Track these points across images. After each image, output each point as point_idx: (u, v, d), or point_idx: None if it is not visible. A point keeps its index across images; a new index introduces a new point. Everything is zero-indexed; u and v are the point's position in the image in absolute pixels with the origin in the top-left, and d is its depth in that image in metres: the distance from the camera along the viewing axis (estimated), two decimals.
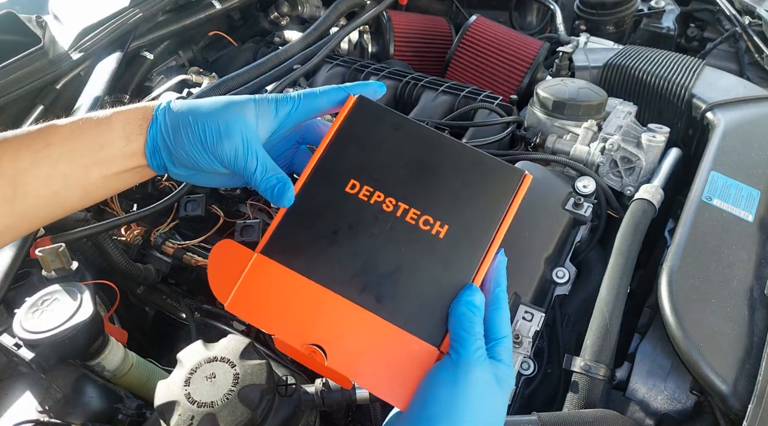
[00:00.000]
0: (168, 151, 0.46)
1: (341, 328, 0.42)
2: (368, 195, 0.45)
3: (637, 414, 0.67)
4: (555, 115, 0.96)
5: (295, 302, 0.43)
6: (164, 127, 0.45)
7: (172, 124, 0.45)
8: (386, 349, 0.42)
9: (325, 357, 0.41)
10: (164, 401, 0.53)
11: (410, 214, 0.45)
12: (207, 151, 0.45)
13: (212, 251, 0.46)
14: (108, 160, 0.45)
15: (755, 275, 0.68)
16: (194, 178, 0.49)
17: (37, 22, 0.98)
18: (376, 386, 0.41)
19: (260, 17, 1.38)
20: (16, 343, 0.63)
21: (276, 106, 0.47)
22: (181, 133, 0.45)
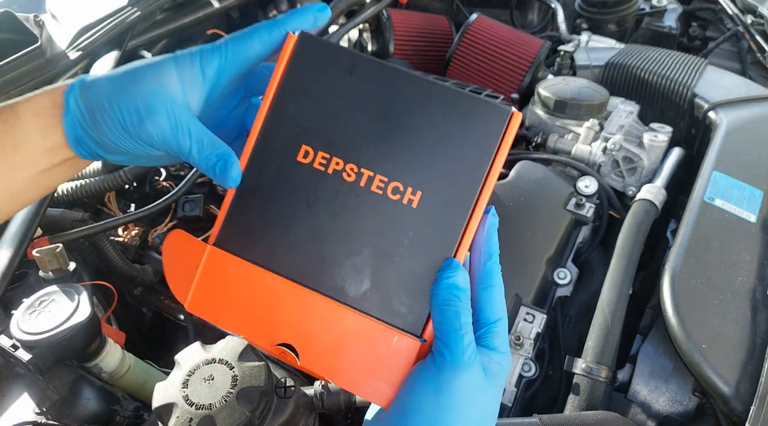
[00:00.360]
0: (93, 140, 0.39)
1: (310, 323, 0.38)
2: (324, 163, 0.38)
3: (638, 416, 0.66)
4: (556, 115, 0.95)
5: (257, 298, 0.39)
6: (79, 115, 0.38)
7: (87, 109, 0.38)
8: (362, 344, 0.37)
9: (297, 358, 0.37)
10: (162, 403, 0.53)
11: (376, 182, 0.38)
12: (131, 136, 0.38)
13: (164, 244, 0.41)
14: (27, 160, 0.39)
15: (758, 276, 0.67)
16: (136, 161, 0.43)
17: (35, 21, 0.97)
18: (356, 385, 0.37)
19: (259, 15, 1.37)
20: (13, 344, 0.63)
21: (201, 65, 0.39)
22: (99, 120, 0.38)
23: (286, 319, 0.38)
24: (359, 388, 0.37)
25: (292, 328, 0.38)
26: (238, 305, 0.39)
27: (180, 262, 0.41)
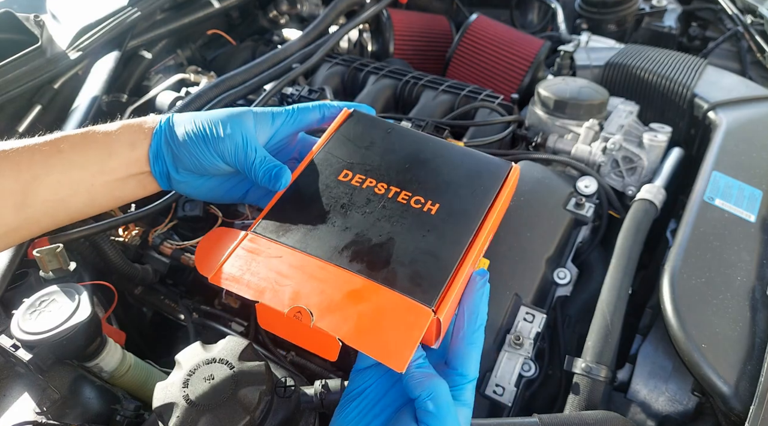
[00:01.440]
0: (171, 154, 0.48)
1: (330, 292, 0.41)
2: (360, 181, 0.48)
3: (638, 415, 0.66)
4: (556, 115, 0.95)
5: (282, 272, 0.43)
6: (168, 130, 0.48)
7: (177, 123, 0.49)
8: (378, 311, 0.41)
9: (312, 317, 0.40)
10: (162, 403, 0.53)
11: (402, 195, 0.47)
12: (209, 146, 0.47)
13: (205, 236, 0.47)
14: (114, 168, 0.48)
15: (757, 276, 0.67)
16: (194, 184, 0.51)
17: (35, 21, 0.97)
18: (368, 346, 0.39)
19: (259, 16, 1.37)
20: (13, 344, 0.63)
21: (272, 116, 0.51)
22: (185, 132, 0.48)
23: (308, 287, 0.42)
24: (370, 349, 0.39)
25: (311, 294, 0.41)
26: (262, 278, 0.43)
27: (214, 247, 0.46)
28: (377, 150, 0.50)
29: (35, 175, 0.44)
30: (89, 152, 0.47)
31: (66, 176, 0.46)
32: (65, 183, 0.46)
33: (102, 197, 0.49)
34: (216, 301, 0.85)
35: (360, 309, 0.41)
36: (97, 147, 0.47)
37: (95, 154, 0.47)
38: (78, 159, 0.46)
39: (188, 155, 0.48)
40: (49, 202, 0.45)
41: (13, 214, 0.44)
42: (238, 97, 0.98)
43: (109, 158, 0.47)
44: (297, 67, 1.05)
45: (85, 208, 0.49)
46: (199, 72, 1.12)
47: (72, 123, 0.87)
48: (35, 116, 0.96)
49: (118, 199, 0.50)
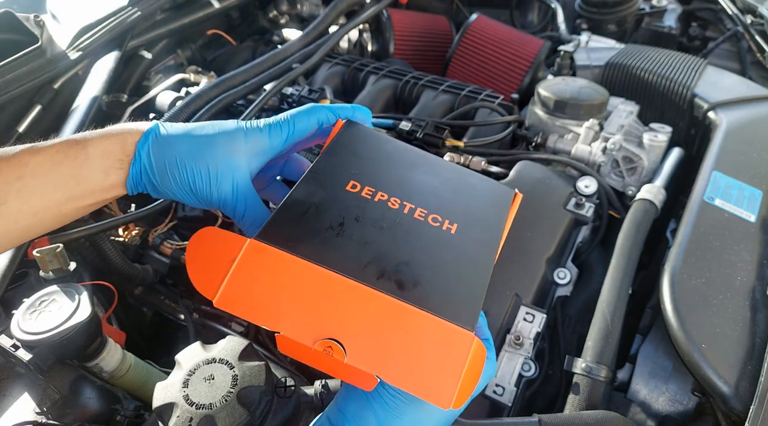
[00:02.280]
0: (153, 187, 0.44)
1: (360, 318, 0.36)
2: (371, 193, 0.44)
3: (638, 415, 0.66)
4: (556, 115, 0.95)
5: (301, 292, 0.37)
6: (149, 167, 0.43)
7: (158, 165, 0.43)
8: (416, 339, 0.36)
9: (345, 352, 0.35)
10: (162, 403, 0.53)
11: (417, 212, 0.44)
12: (195, 195, 0.44)
13: (191, 240, 0.40)
14: (84, 194, 0.43)
15: (757, 276, 0.67)
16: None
17: (35, 21, 0.97)
18: (411, 383, 0.35)
19: (259, 16, 1.37)
20: (13, 344, 0.63)
21: (270, 137, 0.45)
22: (168, 176, 0.43)
23: (333, 313, 0.36)
24: (414, 386, 0.35)
25: (339, 322, 0.36)
26: (277, 300, 0.37)
27: (209, 257, 0.39)
28: (379, 163, 0.47)
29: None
30: (53, 177, 0.42)
31: (27, 205, 0.41)
32: (26, 212, 0.41)
33: (71, 218, 0.45)
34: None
35: (396, 338, 0.36)
36: (61, 173, 0.42)
37: (62, 181, 0.42)
38: (39, 186, 0.41)
39: (171, 194, 0.44)
40: (10, 229, 0.41)
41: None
42: (238, 97, 0.98)
43: (77, 185, 0.43)
44: (297, 67, 1.05)
45: (51, 227, 0.45)
46: (199, 72, 1.12)
47: (72, 123, 0.87)
48: (35, 116, 0.96)
49: (85, 213, 0.47)
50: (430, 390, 0.35)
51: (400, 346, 0.36)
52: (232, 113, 1.01)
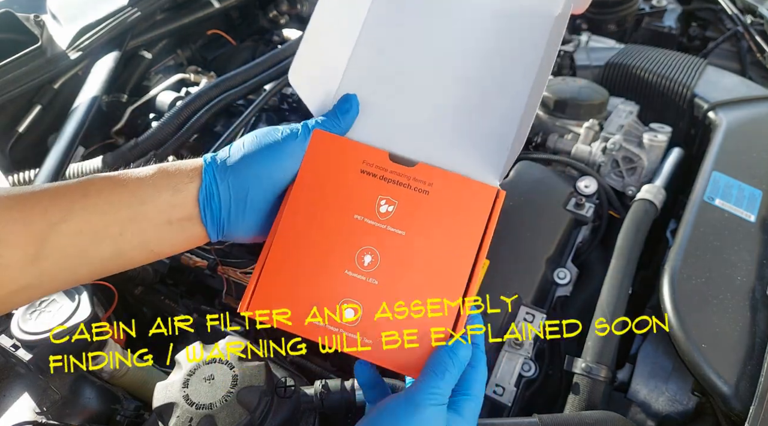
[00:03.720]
0: (227, 185, 0.43)
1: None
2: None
3: (638, 415, 0.66)
4: (556, 115, 0.96)
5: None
6: (219, 161, 0.43)
7: (234, 161, 0.43)
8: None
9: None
10: (162, 403, 0.53)
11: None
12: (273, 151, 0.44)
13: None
14: (149, 215, 0.41)
15: (757, 276, 0.67)
16: (250, 221, 0.45)
17: (35, 21, 0.97)
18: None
19: (259, 16, 1.37)
20: (13, 344, 0.63)
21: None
22: (243, 149, 0.44)
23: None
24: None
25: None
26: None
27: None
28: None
29: (51, 221, 0.38)
30: (117, 196, 0.40)
31: (88, 224, 0.39)
32: (86, 232, 0.39)
33: (132, 250, 0.42)
34: (216, 301, 0.85)
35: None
36: (128, 191, 0.41)
37: (125, 198, 0.40)
38: (102, 204, 0.40)
39: (252, 173, 0.43)
40: (68, 254, 0.39)
41: (22, 269, 0.38)
42: (238, 97, 0.98)
43: (140, 205, 0.41)
44: None
45: (110, 262, 0.41)
46: (199, 72, 1.12)
47: (72, 123, 0.87)
48: (35, 116, 0.96)
49: (153, 253, 0.43)
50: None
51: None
52: (232, 113, 1.01)
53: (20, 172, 0.89)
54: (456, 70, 0.50)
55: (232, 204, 0.43)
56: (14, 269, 0.37)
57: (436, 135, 0.48)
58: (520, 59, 0.48)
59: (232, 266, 0.81)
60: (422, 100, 0.50)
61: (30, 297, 0.40)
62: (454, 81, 0.50)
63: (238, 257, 0.82)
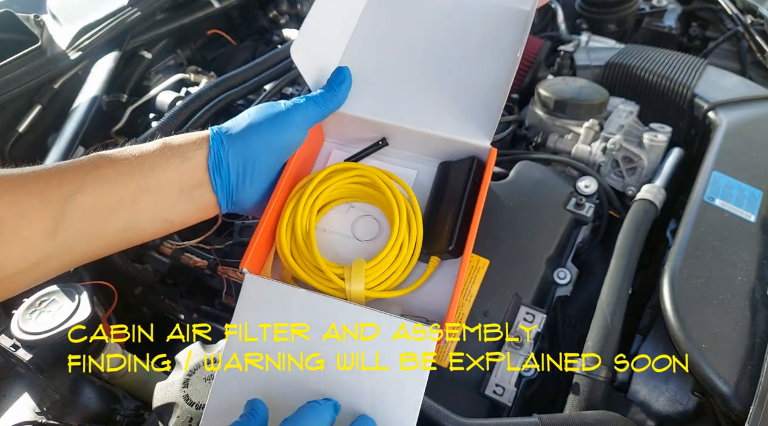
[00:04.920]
0: (234, 152, 0.45)
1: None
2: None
3: (638, 415, 0.66)
4: (556, 115, 0.96)
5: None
6: (225, 131, 0.46)
7: (239, 121, 0.47)
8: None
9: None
10: (162, 403, 0.53)
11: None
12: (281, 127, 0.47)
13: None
14: (160, 184, 0.42)
15: (757, 276, 0.67)
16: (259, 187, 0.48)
17: (35, 21, 0.97)
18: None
19: (259, 16, 1.37)
20: (13, 343, 0.63)
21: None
22: (249, 118, 0.47)
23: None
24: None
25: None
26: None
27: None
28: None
29: (66, 195, 0.39)
30: (128, 167, 0.41)
31: (102, 195, 0.40)
32: (101, 203, 0.40)
33: (146, 219, 0.43)
34: (216, 301, 0.85)
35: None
36: (137, 161, 0.42)
37: (136, 168, 0.41)
38: (114, 174, 0.41)
39: (259, 141, 0.45)
40: (85, 225, 0.40)
41: (43, 242, 0.39)
42: (238, 97, 0.98)
43: (152, 172, 0.42)
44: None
45: (125, 233, 0.42)
46: (199, 72, 1.12)
47: (72, 123, 0.87)
48: (35, 116, 0.96)
49: (166, 222, 0.44)
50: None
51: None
52: (232, 113, 1.01)
53: None
54: (446, 51, 0.58)
55: (240, 170, 0.45)
56: (35, 242, 0.39)
57: (428, 107, 0.55)
58: (498, 43, 0.58)
59: (232, 266, 0.81)
60: (416, 77, 0.57)
61: (49, 270, 0.41)
62: (444, 61, 0.58)
63: (238, 257, 0.82)
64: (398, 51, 0.59)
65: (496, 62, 0.56)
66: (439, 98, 0.56)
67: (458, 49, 0.58)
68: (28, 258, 0.39)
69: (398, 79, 0.57)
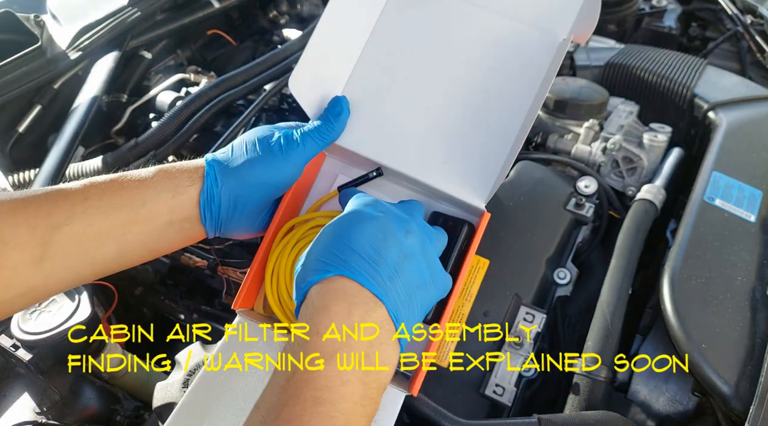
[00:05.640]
0: (228, 187, 0.44)
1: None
2: None
3: (638, 416, 0.66)
4: (556, 115, 0.96)
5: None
6: (220, 163, 0.45)
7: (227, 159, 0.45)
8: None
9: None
10: (162, 403, 0.53)
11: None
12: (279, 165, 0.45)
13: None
14: (150, 216, 0.42)
15: (757, 276, 0.67)
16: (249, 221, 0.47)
17: (35, 21, 0.97)
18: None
19: (259, 16, 1.37)
20: (14, 344, 0.63)
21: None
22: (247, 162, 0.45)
23: None
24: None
25: None
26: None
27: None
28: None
29: (55, 224, 0.39)
30: (118, 199, 0.41)
31: (91, 227, 0.40)
32: (89, 234, 0.40)
33: (134, 250, 0.43)
34: (216, 301, 0.85)
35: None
36: (128, 193, 0.42)
37: (126, 201, 0.41)
38: (105, 206, 0.41)
39: (254, 179, 0.44)
40: (71, 256, 0.40)
41: (28, 271, 0.38)
42: (238, 97, 0.98)
43: (141, 207, 0.42)
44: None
45: (112, 262, 0.43)
46: (199, 72, 1.12)
47: (72, 123, 0.87)
48: (35, 116, 0.96)
49: (153, 251, 0.45)
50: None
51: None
52: (232, 113, 1.01)
53: (20, 172, 0.89)
54: (455, 89, 0.51)
55: (231, 206, 0.45)
56: (21, 271, 0.38)
57: (428, 151, 0.49)
58: (518, 84, 0.49)
59: (232, 266, 0.81)
60: (419, 116, 0.51)
61: (36, 298, 0.41)
62: (452, 100, 0.51)
63: (238, 257, 0.82)
64: (406, 83, 0.52)
65: (511, 110, 0.49)
66: (441, 144, 0.49)
67: (472, 88, 0.51)
68: (14, 287, 0.38)
69: (403, 115, 0.51)
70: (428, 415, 0.57)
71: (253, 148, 0.45)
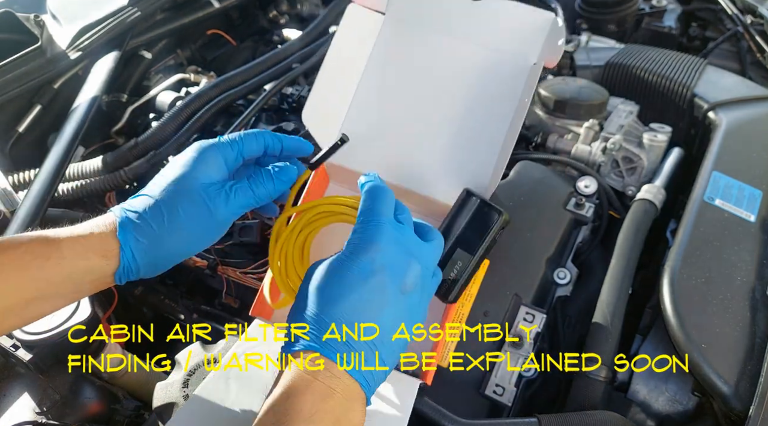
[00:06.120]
0: (152, 260, 0.43)
1: None
2: None
3: (638, 415, 0.66)
4: (556, 115, 0.96)
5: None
6: (144, 226, 0.43)
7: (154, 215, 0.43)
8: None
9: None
10: (162, 403, 0.53)
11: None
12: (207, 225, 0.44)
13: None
14: (59, 293, 0.42)
15: (757, 276, 0.67)
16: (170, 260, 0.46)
17: (35, 21, 0.97)
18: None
19: (259, 16, 1.37)
20: (14, 344, 0.63)
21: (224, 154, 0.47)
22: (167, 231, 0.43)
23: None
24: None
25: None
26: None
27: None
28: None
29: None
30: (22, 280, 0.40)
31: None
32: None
33: (40, 315, 0.44)
34: (216, 301, 0.84)
35: None
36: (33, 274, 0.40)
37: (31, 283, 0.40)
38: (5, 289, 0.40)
39: (175, 248, 0.43)
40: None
41: None
42: (238, 97, 0.98)
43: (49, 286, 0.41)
44: (297, 67, 1.05)
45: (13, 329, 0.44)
46: (199, 72, 1.12)
47: (72, 123, 0.87)
48: (35, 116, 0.96)
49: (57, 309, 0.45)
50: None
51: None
52: (232, 113, 1.01)
53: (20, 172, 0.89)
54: (443, 112, 0.59)
55: (151, 269, 0.44)
56: None
57: (423, 168, 0.57)
58: (499, 103, 0.57)
59: (232, 266, 0.81)
60: (412, 138, 0.59)
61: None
62: (441, 122, 0.59)
63: (238, 257, 0.82)
64: (398, 111, 0.60)
65: (497, 125, 0.56)
66: (437, 160, 0.57)
67: (458, 109, 0.59)
68: None
69: (398, 138, 0.59)
70: (428, 414, 0.57)
71: (173, 216, 0.43)
